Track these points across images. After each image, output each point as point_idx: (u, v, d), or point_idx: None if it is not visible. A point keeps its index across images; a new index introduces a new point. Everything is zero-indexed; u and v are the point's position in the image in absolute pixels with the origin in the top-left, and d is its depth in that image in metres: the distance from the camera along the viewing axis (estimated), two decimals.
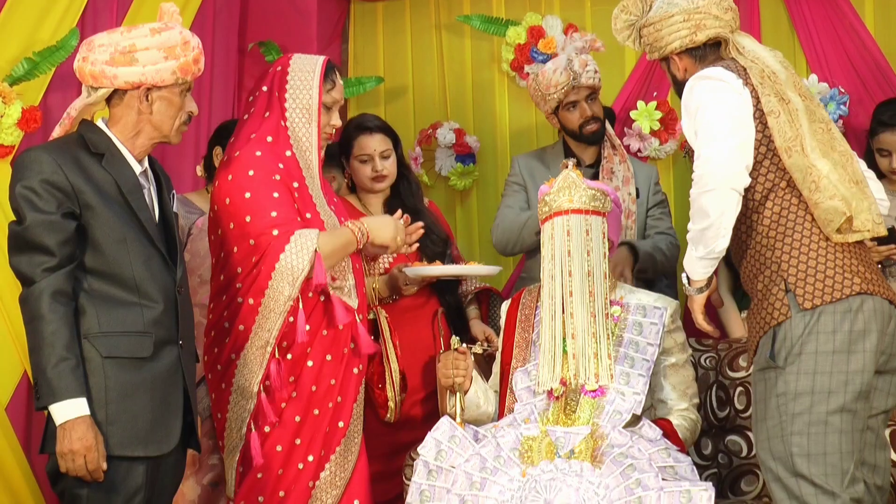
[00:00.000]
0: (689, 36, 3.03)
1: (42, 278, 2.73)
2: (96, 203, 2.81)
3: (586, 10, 4.87)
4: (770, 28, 4.70)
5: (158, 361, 2.87)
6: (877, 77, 4.54)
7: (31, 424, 3.88)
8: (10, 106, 3.71)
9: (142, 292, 2.86)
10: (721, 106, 2.88)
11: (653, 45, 3.08)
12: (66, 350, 2.72)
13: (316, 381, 3.22)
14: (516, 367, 3.33)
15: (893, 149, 3.96)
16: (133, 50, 2.86)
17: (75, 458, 2.72)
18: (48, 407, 2.73)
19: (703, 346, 3.68)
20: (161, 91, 2.91)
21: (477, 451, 3.05)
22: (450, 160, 4.95)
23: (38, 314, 2.73)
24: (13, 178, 2.81)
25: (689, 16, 3.02)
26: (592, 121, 4.09)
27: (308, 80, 3.31)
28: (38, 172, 2.77)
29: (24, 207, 2.76)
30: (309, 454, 3.22)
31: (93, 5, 4.01)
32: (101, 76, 2.86)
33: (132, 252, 2.86)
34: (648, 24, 3.07)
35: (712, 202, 2.81)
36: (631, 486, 2.86)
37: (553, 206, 3.25)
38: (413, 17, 5.08)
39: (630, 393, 3.16)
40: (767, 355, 2.81)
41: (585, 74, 4.03)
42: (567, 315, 3.19)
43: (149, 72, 2.87)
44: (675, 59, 3.07)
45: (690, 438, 3.27)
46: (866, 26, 4.59)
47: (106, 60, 2.86)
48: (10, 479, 3.81)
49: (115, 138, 2.92)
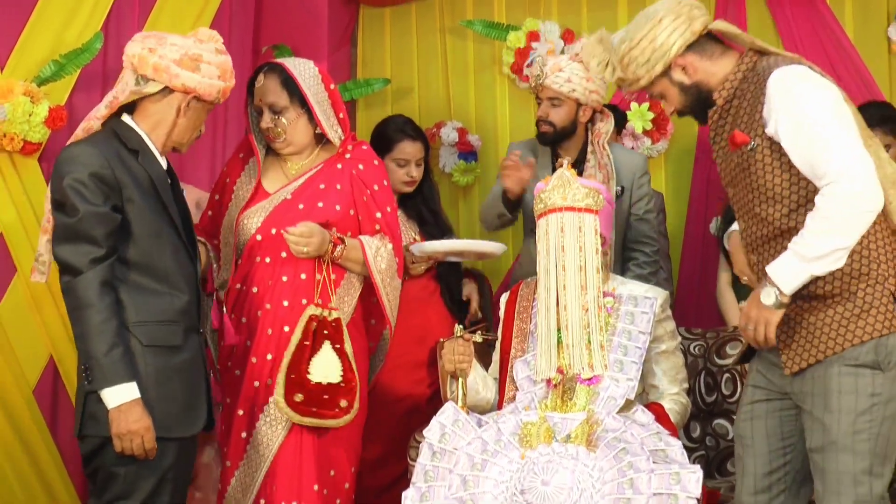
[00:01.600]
0: (687, 30, 2.75)
1: (90, 268, 2.73)
2: (136, 197, 2.83)
3: (583, 17, 4.85)
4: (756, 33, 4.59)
5: (187, 349, 2.90)
6: (856, 81, 4.53)
7: (56, 407, 3.90)
8: (37, 105, 3.71)
9: (171, 283, 2.88)
10: (840, 107, 2.61)
11: (650, 61, 2.75)
12: (116, 337, 2.74)
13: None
14: (516, 357, 3.32)
15: None
16: (200, 59, 2.90)
17: (133, 439, 2.73)
18: (100, 391, 2.73)
19: (693, 335, 3.68)
20: (200, 103, 2.95)
21: (479, 434, 3.05)
22: (453, 157, 4.94)
23: (89, 302, 2.72)
24: (60, 171, 2.79)
25: (677, 13, 2.76)
26: (543, 123, 3.89)
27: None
28: (88, 166, 2.77)
29: (76, 199, 2.75)
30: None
31: (116, 11, 4.02)
32: (165, 71, 2.88)
33: (165, 245, 2.88)
34: (635, 44, 2.76)
35: (861, 224, 2.53)
36: (624, 468, 2.86)
37: (548, 204, 3.24)
38: (419, 22, 5.07)
39: (623, 379, 3.16)
40: (870, 360, 2.59)
41: (551, 78, 3.83)
42: (561, 308, 3.18)
43: (203, 83, 2.91)
44: (677, 63, 2.77)
45: (681, 422, 3.27)
46: (846, 33, 4.58)
47: (175, 59, 2.88)
48: (37, 457, 3.82)
49: (145, 136, 2.93)
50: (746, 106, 2.68)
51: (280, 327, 3.29)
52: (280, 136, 3.41)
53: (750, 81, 2.70)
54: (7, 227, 3.76)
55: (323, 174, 3.42)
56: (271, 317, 3.31)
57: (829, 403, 2.60)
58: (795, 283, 2.57)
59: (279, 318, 3.30)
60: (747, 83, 2.71)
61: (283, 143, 3.42)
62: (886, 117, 3.98)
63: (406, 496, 3.02)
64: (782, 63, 2.66)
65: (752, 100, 2.67)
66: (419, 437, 3.26)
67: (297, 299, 3.31)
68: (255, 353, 3.31)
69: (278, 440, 3.27)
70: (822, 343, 2.62)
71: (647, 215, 3.97)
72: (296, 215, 3.33)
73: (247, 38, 4.64)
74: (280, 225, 3.32)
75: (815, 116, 2.56)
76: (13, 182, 3.77)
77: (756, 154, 2.67)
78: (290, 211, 3.35)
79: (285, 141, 3.42)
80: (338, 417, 3.27)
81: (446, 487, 2.97)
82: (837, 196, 2.50)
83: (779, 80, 2.61)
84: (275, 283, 3.32)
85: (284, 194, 3.39)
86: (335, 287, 3.34)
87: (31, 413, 3.81)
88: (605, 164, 3.87)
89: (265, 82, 3.41)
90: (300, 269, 3.32)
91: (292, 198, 3.38)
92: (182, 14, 4.23)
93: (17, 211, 3.76)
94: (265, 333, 3.30)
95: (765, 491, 2.78)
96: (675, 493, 2.77)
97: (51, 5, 3.82)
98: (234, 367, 3.35)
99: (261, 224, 3.36)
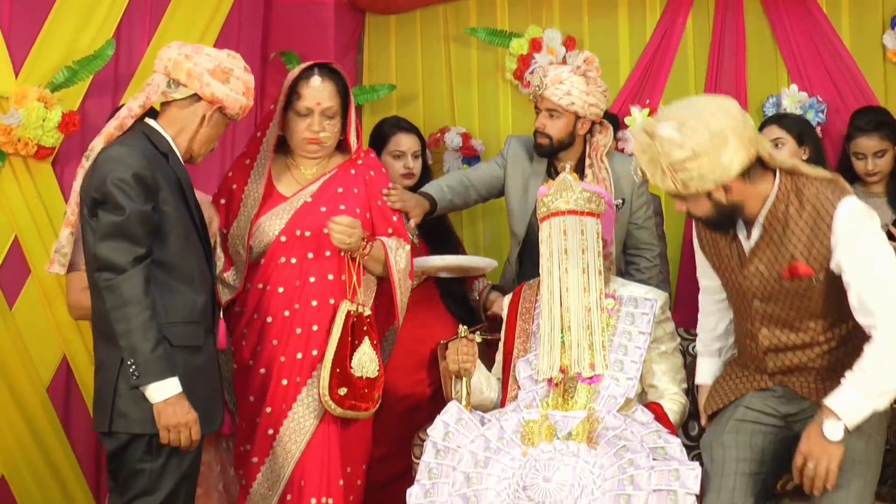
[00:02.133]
0: (746, 155, 2.67)
1: (133, 266, 2.74)
2: (170, 199, 2.85)
3: (584, 24, 4.86)
4: (755, 41, 4.70)
5: (206, 349, 2.93)
6: (851, 87, 4.54)
7: (69, 404, 3.92)
8: (51, 111, 3.73)
9: (195, 284, 2.90)
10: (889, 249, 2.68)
11: (704, 177, 2.65)
12: (160, 333, 2.76)
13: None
14: (518, 357, 3.33)
15: (869, 153, 3.96)
16: (231, 73, 2.94)
17: (182, 431, 2.76)
18: (146, 385, 2.74)
19: (691, 336, 3.68)
20: (221, 116, 2.98)
21: (482, 432, 3.06)
22: (457, 162, 4.95)
23: (135, 300, 2.73)
24: (103, 170, 2.79)
25: (741, 136, 2.65)
26: (540, 134, 3.79)
27: (286, 86, 3.40)
28: (130, 167, 2.78)
29: (121, 198, 2.76)
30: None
31: (127, 18, 4.04)
32: (197, 78, 2.90)
33: (192, 247, 2.90)
34: (694, 158, 2.63)
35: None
36: (624, 465, 2.87)
37: (551, 207, 3.25)
38: (423, 30, 5.07)
39: (623, 378, 3.17)
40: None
41: (551, 89, 3.72)
42: (564, 309, 3.19)
43: (230, 96, 2.94)
44: (731, 185, 2.69)
45: (679, 421, 3.27)
46: (842, 40, 4.59)
47: (209, 69, 2.91)
48: (50, 453, 3.84)
49: (171, 140, 2.94)
50: (801, 234, 2.71)
51: (309, 326, 3.31)
52: (327, 142, 3.38)
53: (792, 204, 2.73)
54: (21, 229, 3.78)
55: (338, 178, 3.43)
56: (300, 316, 3.32)
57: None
58: (859, 418, 2.60)
59: (308, 317, 3.32)
60: (790, 206, 2.73)
61: (325, 148, 3.41)
62: (882, 123, 3.99)
63: (411, 493, 3.02)
64: (832, 192, 2.69)
65: (809, 230, 2.70)
66: (423, 435, 3.27)
67: (325, 299, 3.32)
68: (283, 353, 3.32)
69: (306, 437, 3.29)
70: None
71: (647, 223, 3.93)
72: (319, 217, 3.34)
73: (255, 45, 4.66)
74: (304, 227, 3.34)
75: (877, 256, 2.63)
76: (27, 185, 3.79)
77: (814, 283, 2.73)
78: (313, 213, 3.36)
79: (327, 147, 3.41)
80: (369, 410, 3.34)
81: (450, 484, 2.98)
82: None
83: (845, 217, 2.66)
84: (302, 283, 3.33)
85: (304, 197, 3.40)
86: (359, 286, 3.36)
87: (45, 411, 3.83)
88: (604, 179, 3.80)
89: (325, 85, 3.35)
90: (327, 270, 3.34)
91: (313, 200, 3.39)
92: (192, 22, 4.25)
93: (31, 214, 3.78)
94: (294, 333, 3.31)
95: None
96: (675, 489, 2.78)
97: (64, 13, 3.84)
98: (257, 366, 3.34)
99: (284, 226, 3.36)
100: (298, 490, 3.27)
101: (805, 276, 2.72)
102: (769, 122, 4.04)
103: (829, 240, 2.67)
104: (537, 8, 4.90)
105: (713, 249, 2.96)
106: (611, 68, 4.81)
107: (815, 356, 2.83)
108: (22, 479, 3.78)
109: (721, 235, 2.88)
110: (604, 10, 4.84)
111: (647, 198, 3.96)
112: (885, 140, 3.95)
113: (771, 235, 2.77)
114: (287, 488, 3.28)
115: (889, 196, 3.98)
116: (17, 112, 3.67)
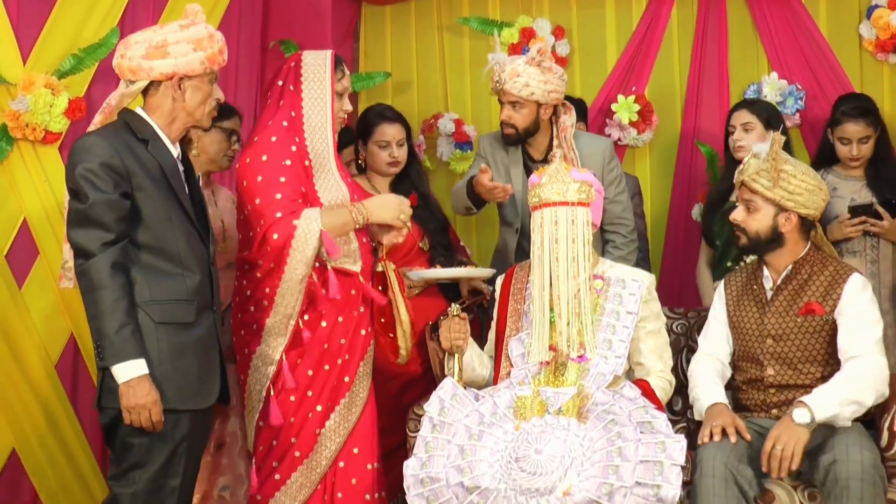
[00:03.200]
0: (816, 211, 3.21)
1: (101, 252, 2.74)
2: (146, 184, 2.83)
3: (573, 14, 4.87)
4: (736, 31, 4.71)
5: (200, 325, 2.91)
6: (829, 75, 4.57)
7: (77, 381, 3.92)
8: (58, 97, 3.72)
9: (184, 265, 2.88)
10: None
11: (792, 193, 3.15)
12: (126, 316, 2.75)
13: (328, 340, 3.26)
14: (510, 336, 3.34)
15: (854, 138, 3.97)
16: (165, 44, 2.87)
17: (141, 412, 2.75)
18: (111, 367, 2.75)
19: (675, 314, 3.71)
20: (192, 80, 2.92)
21: (476, 408, 3.08)
22: (450, 147, 4.96)
23: (100, 284, 2.73)
24: (72, 161, 2.81)
25: (824, 196, 3.21)
26: (506, 125, 3.83)
27: (320, 72, 3.33)
28: (98, 156, 2.78)
29: (86, 187, 2.76)
30: (317, 404, 3.26)
31: (131, 7, 4.02)
32: (139, 70, 2.87)
33: (176, 228, 2.88)
34: (798, 176, 3.16)
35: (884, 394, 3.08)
36: (612, 438, 2.89)
37: (542, 198, 3.26)
38: (418, 19, 5.07)
39: (612, 356, 3.19)
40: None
41: (510, 83, 3.74)
42: (555, 297, 3.21)
43: (180, 63, 2.87)
44: (793, 216, 3.17)
45: (665, 397, 3.30)
46: (821, 31, 4.60)
47: (142, 55, 2.86)
48: (59, 428, 3.85)
49: (155, 125, 2.92)
50: (820, 286, 3.18)
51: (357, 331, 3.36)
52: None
53: (816, 266, 3.21)
54: (30, 212, 3.77)
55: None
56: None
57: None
58: (825, 414, 2.96)
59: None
60: (814, 267, 3.21)
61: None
62: (867, 110, 4.00)
63: (408, 465, 3.05)
64: (847, 268, 3.21)
65: (828, 284, 3.17)
66: (418, 410, 3.29)
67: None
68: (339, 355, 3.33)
69: (360, 408, 3.35)
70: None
71: (619, 197, 3.92)
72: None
73: (255, 34, 4.64)
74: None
75: (870, 313, 3.13)
76: (35, 169, 3.78)
77: (822, 324, 3.15)
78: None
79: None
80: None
81: (445, 457, 3.01)
82: (875, 367, 3.05)
83: (855, 286, 3.15)
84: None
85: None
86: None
87: (54, 387, 3.83)
88: (571, 158, 3.82)
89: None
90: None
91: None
92: None
93: (40, 196, 3.77)
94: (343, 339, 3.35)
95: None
96: (661, 459, 2.81)
97: (70, 3, 3.82)
98: (308, 365, 3.27)
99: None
100: (352, 458, 3.30)
101: (818, 314, 3.15)
102: (740, 107, 4.05)
103: (837, 296, 3.14)
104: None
105: (736, 301, 3.32)
106: (598, 57, 4.83)
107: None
108: (33, 452, 3.79)
109: (748, 284, 3.31)
110: (592, 1, 4.84)
111: (619, 173, 3.97)
112: (870, 126, 3.97)
113: (794, 283, 3.21)
114: (340, 455, 3.30)
115: (868, 179, 4.00)
116: (25, 98, 3.67)
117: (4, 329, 3.72)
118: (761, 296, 3.26)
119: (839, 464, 2.86)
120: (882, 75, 4.52)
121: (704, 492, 2.89)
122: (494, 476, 2.91)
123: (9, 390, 3.73)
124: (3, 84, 3.69)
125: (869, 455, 2.87)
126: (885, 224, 3.84)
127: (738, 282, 3.36)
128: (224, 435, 3.61)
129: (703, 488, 2.90)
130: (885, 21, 4.40)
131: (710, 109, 4.71)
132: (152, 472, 2.83)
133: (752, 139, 3.86)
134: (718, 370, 3.30)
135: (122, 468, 2.84)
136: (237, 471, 3.62)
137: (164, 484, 2.85)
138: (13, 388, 3.73)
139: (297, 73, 3.34)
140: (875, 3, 4.47)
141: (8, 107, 3.69)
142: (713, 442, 2.98)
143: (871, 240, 3.91)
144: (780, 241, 3.20)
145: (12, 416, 3.75)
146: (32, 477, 3.81)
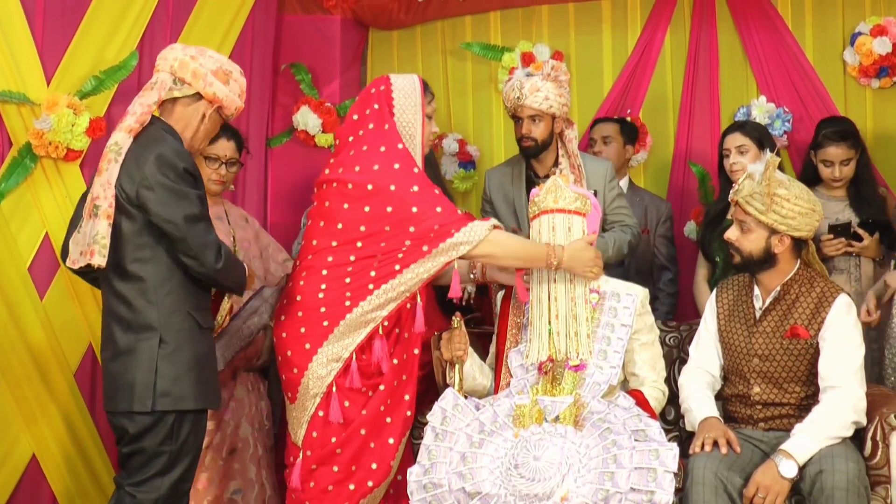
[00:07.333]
0: (809, 232, 3.15)
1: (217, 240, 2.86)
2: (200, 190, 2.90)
3: (571, 40, 4.87)
4: (727, 56, 4.71)
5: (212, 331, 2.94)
6: (815, 99, 4.56)
7: (95, 388, 3.91)
8: (80, 117, 3.73)
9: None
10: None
11: (784, 217, 3.10)
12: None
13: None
14: (510, 348, 3.33)
15: (836, 160, 3.96)
16: (230, 76, 2.96)
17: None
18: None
19: (668, 328, 3.69)
20: (218, 115, 2.98)
21: (476, 416, 3.07)
22: (453, 166, 4.96)
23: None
24: (160, 164, 2.79)
25: (818, 216, 3.14)
26: (526, 139, 3.84)
27: (412, 97, 3.28)
28: (184, 160, 2.83)
29: (189, 187, 2.82)
30: (387, 416, 3.22)
31: (150, 32, 4.05)
32: (202, 78, 2.91)
33: None
34: (792, 199, 3.09)
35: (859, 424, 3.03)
36: (608, 445, 2.88)
37: (540, 206, 3.26)
38: (423, 44, 5.08)
39: (607, 367, 3.18)
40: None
41: (531, 97, 3.77)
42: (552, 300, 3.20)
43: (228, 97, 2.95)
44: (786, 238, 3.13)
45: (659, 407, 3.29)
46: (807, 56, 4.60)
47: (213, 70, 2.93)
48: (78, 434, 3.84)
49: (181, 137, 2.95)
50: (807, 309, 3.14)
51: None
52: None
53: (804, 286, 3.17)
54: (52, 226, 3.77)
55: None
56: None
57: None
58: (809, 455, 2.93)
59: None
60: (802, 287, 3.17)
61: None
62: (849, 133, 4.00)
63: (411, 472, 3.04)
64: (834, 289, 3.15)
65: (814, 307, 3.13)
66: (421, 419, 3.27)
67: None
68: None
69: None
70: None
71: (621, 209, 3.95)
72: None
73: (267, 57, 4.65)
74: None
75: (853, 340, 3.09)
76: (57, 186, 3.78)
77: (806, 347, 3.12)
78: None
79: None
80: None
81: (447, 463, 2.99)
82: (853, 400, 3.00)
83: (840, 310, 3.10)
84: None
85: None
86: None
87: (73, 395, 3.83)
88: (577, 166, 3.88)
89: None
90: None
91: None
92: (209, 36, 4.25)
93: (61, 212, 3.77)
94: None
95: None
96: (654, 467, 2.80)
97: (92, 27, 3.85)
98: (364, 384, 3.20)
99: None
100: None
101: (802, 338, 3.12)
102: (732, 130, 4.04)
103: (822, 319, 3.10)
104: (528, 24, 4.91)
105: (727, 316, 3.29)
106: (595, 80, 4.83)
107: (792, 413, 3.15)
108: (52, 457, 3.78)
109: (739, 301, 3.28)
110: (589, 27, 4.85)
111: (619, 191, 4.00)
112: (851, 149, 3.96)
113: (781, 304, 3.18)
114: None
115: (850, 199, 3.99)
116: (49, 117, 3.68)
117: (26, 339, 3.72)
118: (750, 315, 3.24)
119: (825, 474, 2.84)
120: (865, 99, 4.51)
121: (695, 499, 2.88)
122: (494, 482, 2.90)
123: (30, 398, 3.72)
124: (27, 104, 3.70)
125: (854, 466, 2.86)
126: (864, 243, 3.83)
127: (730, 296, 3.34)
128: (236, 440, 3.60)
129: (693, 495, 2.89)
130: (868, 48, 4.40)
131: (702, 131, 4.71)
132: (175, 478, 2.83)
133: (747, 160, 3.86)
134: (709, 382, 3.28)
135: (148, 475, 2.82)
136: (248, 475, 3.61)
137: (181, 488, 2.87)
138: (35, 395, 3.73)
139: (388, 97, 3.27)
140: (858, 30, 4.47)
141: (32, 126, 3.70)
142: (704, 452, 2.97)
143: (855, 259, 3.90)
144: (773, 261, 3.17)
145: (33, 422, 3.74)
146: (52, 482, 3.80)
